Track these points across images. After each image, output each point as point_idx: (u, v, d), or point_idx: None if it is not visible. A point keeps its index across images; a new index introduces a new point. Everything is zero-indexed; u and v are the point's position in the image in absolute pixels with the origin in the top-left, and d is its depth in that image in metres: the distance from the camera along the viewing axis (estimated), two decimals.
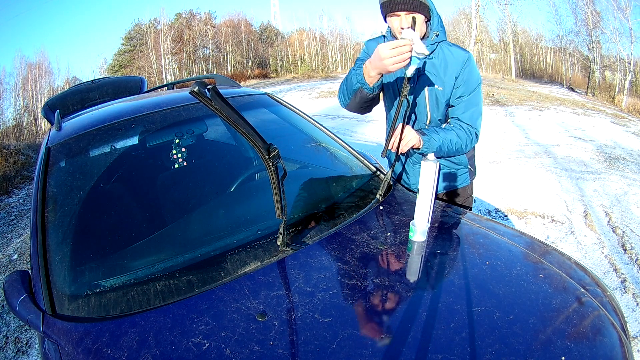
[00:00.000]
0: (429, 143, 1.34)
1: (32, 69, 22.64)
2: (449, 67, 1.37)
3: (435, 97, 1.41)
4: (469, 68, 1.38)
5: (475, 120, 1.42)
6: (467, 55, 1.38)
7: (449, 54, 1.38)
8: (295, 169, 1.67)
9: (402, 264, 1.11)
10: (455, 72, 1.37)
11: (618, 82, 15.11)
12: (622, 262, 2.61)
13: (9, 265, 3.27)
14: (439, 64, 1.38)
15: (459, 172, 1.61)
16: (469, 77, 1.38)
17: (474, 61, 1.40)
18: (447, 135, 1.37)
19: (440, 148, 1.37)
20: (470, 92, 1.40)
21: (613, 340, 0.91)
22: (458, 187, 1.64)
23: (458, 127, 1.41)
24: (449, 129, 1.40)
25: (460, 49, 1.40)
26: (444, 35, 1.38)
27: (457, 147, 1.40)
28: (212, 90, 0.81)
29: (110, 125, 1.49)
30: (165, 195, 1.50)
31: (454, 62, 1.37)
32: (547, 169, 4.55)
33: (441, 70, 1.38)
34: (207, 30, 30.18)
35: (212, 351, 0.84)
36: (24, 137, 15.64)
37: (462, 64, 1.37)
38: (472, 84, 1.39)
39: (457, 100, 1.41)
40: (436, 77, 1.39)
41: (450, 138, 1.38)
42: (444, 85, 1.39)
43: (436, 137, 1.35)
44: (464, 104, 1.40)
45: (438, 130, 1.37)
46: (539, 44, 23.49)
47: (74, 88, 2.45)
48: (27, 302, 1.03)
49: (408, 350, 0.82)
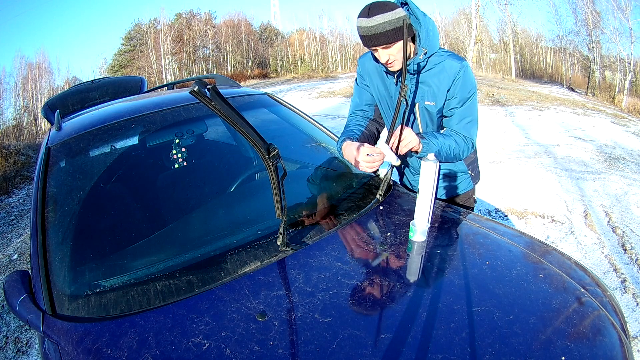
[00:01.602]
0: (427, 147, 1.33)
1: (32, 69, 22.66)
2: (440, 81, 1.34)
3: (427, 112, 1.40)
4: (462, 79, 1.33)
5: (470, 130, 1.39)
6: (459, 66, 1.32)
7: (440, 67, 1.33)
8: (295, 169, 1.67)
9: (402, 264, 1.11)
10: (447, 84, 1.34)
11: (618, 82, 15.11)
12: (622, 262, 2.61)
13: (9, 265, 3.27)
14: (430, 79, 1.35)
15: (459, 179, 1.61)
16: (462, 88, 1.34)
17: (468, 70, 1.35)
18: (446, 141, 1.36)
19: (438, 152, 1.35)
20: (464, 103, 1.36)
21: (613, 340, 0.91)
22: (460, 194, 1.63)
23: (455, 134, 1.39)
24: (447, 135, 1.38)
25: (454, 59, 1.34)
26: (436, 45, 1.33)
27: (455, 153, 1.39)
28: (212, 90, 0.81)
29: (110, 125, 1.50)
30: (165, 195, 1.50)
31: (446, 75, 1.33)
32: (547, 169, 4.55)
33: (433, 84, 1.35)
34: (207, 30, 30.19)
35: (212, 351, 0.84)
36: (24, 137, 15.64)
37: (453, 76, 1.33)
38: (465, 94, 1.35)
39: (451, 112, 1.39)
40: (428, 92, 1.37)
41: (449, 144, 1.36)
42: (435, 100, 1.36)
43: (435, 142, 1.34)
44: (458, 115, 1.38)
45: (437, 135, 1.36)
46: (539, 44, 23.50)
47: (74, 88, 2.45)
48: (27, 302, 1.03)
49: (408, 350, 0.82)
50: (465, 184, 1.62)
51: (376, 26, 1.21)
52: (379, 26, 1.21)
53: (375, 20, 1.20)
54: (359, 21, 1.24)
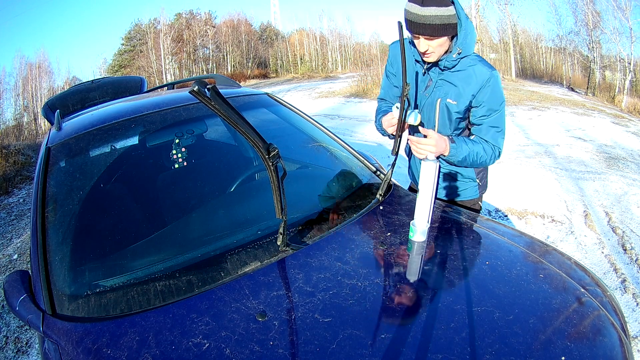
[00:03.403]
0: (455, 151, 1.32)
1: (32, 69, 22.64)
2: (468, 84, 1.35)
3: (447, 109, 1.40)
4: (490, 88, 1.34)
5: (498, 139, 1.41)
6: (489, 74, 1.34)
7: (471, 71, 1.34)
8: (295, 169, 1.67)
9: (402, 264, 1.11)
10: (474, 90, 1.35)
11: (618, 82, 15.10)
12: (622, 262, 2.61)
13: (9, 265, 3.27)
14: (458, 79, 1.36)
15: (465, 185, 1.60)
16: (491, 97, 1.35)
17: (498, 80, 1.35)
18: (474, 148, 1.36)
19: (465, 158, 1.36)
20: (493, 113, 1.37)
21: (613, 340, 0.91)
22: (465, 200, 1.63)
23: (485, 142, 1.40)
24: (476, 142, 1.39)
25: (485, 65, 1.36)
26: (471, 48, 1.33)
27: (482, 160, 1.39)
28: (212, 90, 0.81)
29: (110, 125, 1.49)
30: (165, 195, 1.50)
31: (474, 80, 1.34)
32: (547, 169, 4.55)
33: (460, 85, 1.36)
34: (207, 30, 30.19)
35: (212, 351, 0.84)
36: (24, 137, 15.62)
37: (481, 83, 1.34)
38: (495, 105, 1.36)
39: (480, 120, 1.39)
40: (452, 91, 1.37)
41: (477, 150, 1.37)
42: (458, 100, 1.37)
43: (464, 148, 1.34)
44: (487, 124, 1.39)
45: (467, 141, 1.36)
46: (539, 44, 23.49)
47: (74, 88, 2.45)
48: (27, 302, 1.03)
49: (408, 350, 0.82)
50: (471, 192, 1.62)
51: (427, 17, 1.21)
52: (429, 18, 1.20)
53: (427, 11, 1.20)
54: (410, 6, 1.23)
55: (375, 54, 24.67)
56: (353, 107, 9.85)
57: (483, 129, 1.40)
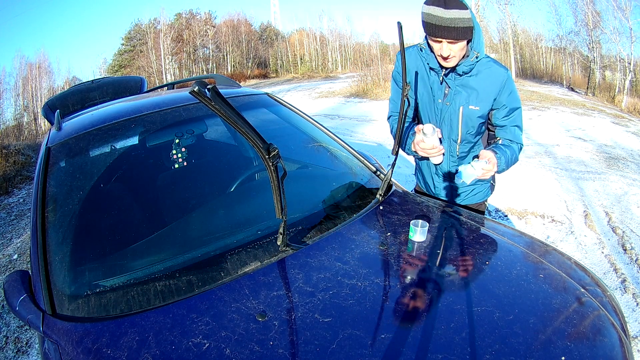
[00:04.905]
0: (500, 161, 1.33)
1: (32, 69, 22.63)
2: (488, 86, 1.35)
3: (469, 117, 1.39)
4: (509, 89, 1.36)
5: (520, 137, 1.43)
6: (506, 75, 1.35)
7: (488, 73, 1.34)
8: (295, 169, 1.67)
9: (402, 264, 1.11)
10: (494, 93, 1.35)
11: (618, 82, 15.09)
12: (622, 262, 2.61)
13: (9, 265, 3.27)
14: (477, 83, 1.35)
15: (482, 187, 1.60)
16: (510, 97, 1.36)
17: (512, 79, 1.38)
18: (509, 152, 1.37)
19: (507, 165, 1.38)
20: (514, 112, 1.39)
21: (613, 340, 0.91)
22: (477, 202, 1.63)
23: (514, 143, 1.41)
24: (507, 145, 1.39)
25: (499, 66, 1.36)
26: (483, 49, 1.34)
27: (514, 162, 1.41)
28: (212, 90, 0.81)
29: (110, 125, 1.49)
30: (165, 195, 1.50)
31: (494, 81, 1.34)
32: (547, 169, 4.55)
33: (480, 89, 1.35)
34: (207, 30, 30.19)
35: (212, 351, 0.84)
36: (24, 137, 15.61)
37: (500, 84, 1.34)
38: (516, 104, 1.39)
39: (503, 121, 1.40)
40: (473, 97, 1.36)
41: (512, 153, 1.39)
42: (480, 105, 1.36)
43: (505, 155, 1.35)
44: (510, 125, 1.40)
45: (502, 148, 1.36)
46: (539, 44, 23.47)
47: (74, 88, 2.45)
48: (27, 302, 1.03)
49: (408, 350, 0.82)
50: (485, 194, 1.62)
51: (452, 19, 1.19)
52: (455, 20, 1.19)
53: (452, 13, 1.18)
54: (432, 9, 1.20)
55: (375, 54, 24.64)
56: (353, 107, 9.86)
57: (508, 130, 1.41)
